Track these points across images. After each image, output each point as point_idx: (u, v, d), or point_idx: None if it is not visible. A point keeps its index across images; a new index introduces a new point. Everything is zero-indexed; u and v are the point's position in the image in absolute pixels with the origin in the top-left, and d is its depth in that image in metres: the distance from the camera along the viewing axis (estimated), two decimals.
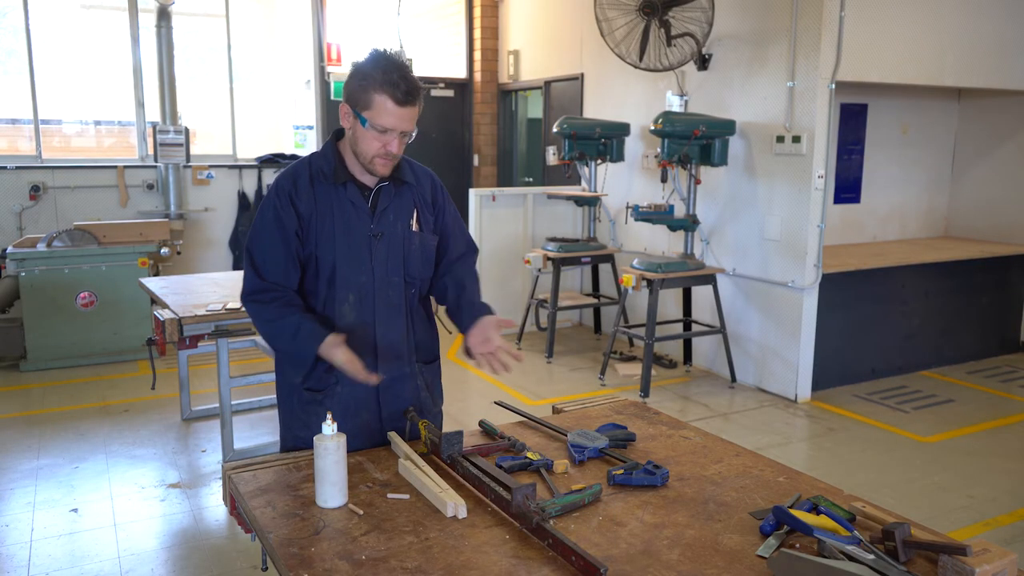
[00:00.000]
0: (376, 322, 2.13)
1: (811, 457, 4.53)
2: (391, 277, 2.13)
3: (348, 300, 2.11)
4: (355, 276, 2.10)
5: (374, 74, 1.96)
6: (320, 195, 2.08)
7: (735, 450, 2.13)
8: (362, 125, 1.99)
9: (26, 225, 7.08)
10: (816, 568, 1.41)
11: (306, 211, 2.07)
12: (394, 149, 2.03)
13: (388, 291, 2.13)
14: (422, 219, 2.19)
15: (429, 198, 2.21)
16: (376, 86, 1.96)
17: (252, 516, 1.74)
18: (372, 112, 1.98)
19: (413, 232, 2.16)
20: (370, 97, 1.97)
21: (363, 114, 1.99)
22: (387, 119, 1.98)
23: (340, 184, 2.08)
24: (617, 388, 5.61)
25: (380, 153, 2.02)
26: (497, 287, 7.00)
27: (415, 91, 1.98)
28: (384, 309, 2.14)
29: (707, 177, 5.86)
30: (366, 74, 1.98)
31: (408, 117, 2.00)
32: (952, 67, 5.69)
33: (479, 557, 1.55)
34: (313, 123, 8.36)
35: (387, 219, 2.12)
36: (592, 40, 6.88)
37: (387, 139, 2.01)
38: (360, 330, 2.11)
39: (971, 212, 6.91)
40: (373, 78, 1.96)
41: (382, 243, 2.11)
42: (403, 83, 1.96)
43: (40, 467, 4.24)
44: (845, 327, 5.69)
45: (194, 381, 5.34)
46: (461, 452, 1.94)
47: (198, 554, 3.38)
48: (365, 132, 2.00)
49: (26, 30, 7.21)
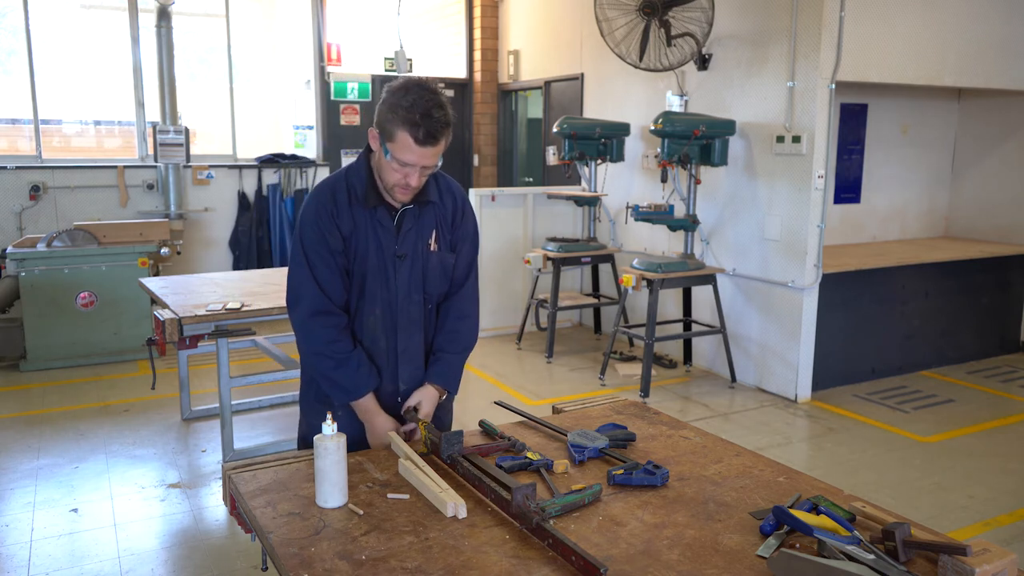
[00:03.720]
0: (398, 334, 2.22)
1: (811, 457, 4.53)
2: (412, 295, 2.21)
3: (374, 313, 2.20)
4: (381, 292, 2.18)
5: (400, 108, 1.95)
6: (357, 215, 2.14)
7: (735, 450, 2.13)
8: (385, 156, 2.03)
9: (26, 225, 7.08)
10: (816, 568, 1.41)
11: (347, 231, 2.13)
12: (413, 183, 2.06)
13: (409, 307, 2.22)
14: (440, 238, 2.23)
15: (450, 218, 2.25)
16: (400, 122, 1.96)
17: (252, 516, 1.74)
18: (394, 146, 2.00)
19: (431, 252, 2.21)
20: (394, 131, 1.98)
21: (387, 145, 2.01)
22: (408, 156, 2.00)
23: (371, 207, 2.13)
24: (617, 388, 5.61)
25: (400, 184, 2.06)
26: (497, 287, 7.01)
27: (438, 132, 1.98)
28: (405, 323, 2.22)
29: (707, 177, 5.86)
30: (394, 105, 1.97)
31: (429, 155, 2.01)
32: (952, 67, 5.69)
33: (479, 557, 1.55)
34: (313, 123, 8.36)
35: (409, 240, 2.18)
36: (592, 40, 6.88)
37: (407, 172, 2.03)
38: (382, 339, 2.22)
39: (971, 212, 6.91)
40: (398, 113, 1.96)
41: (405, 263, 2.18)
42: (425, 124, 1.94)
43: (40, 467, 4.24)
44: (845, 327, 5.69)
45: (194, 381, 5.34)
46: (461, 452, 1.95)
47: (198, 554, 3.38)
48: (387, 163, 2.04)
49: (26, 30, 7.21)
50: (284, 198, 8.04)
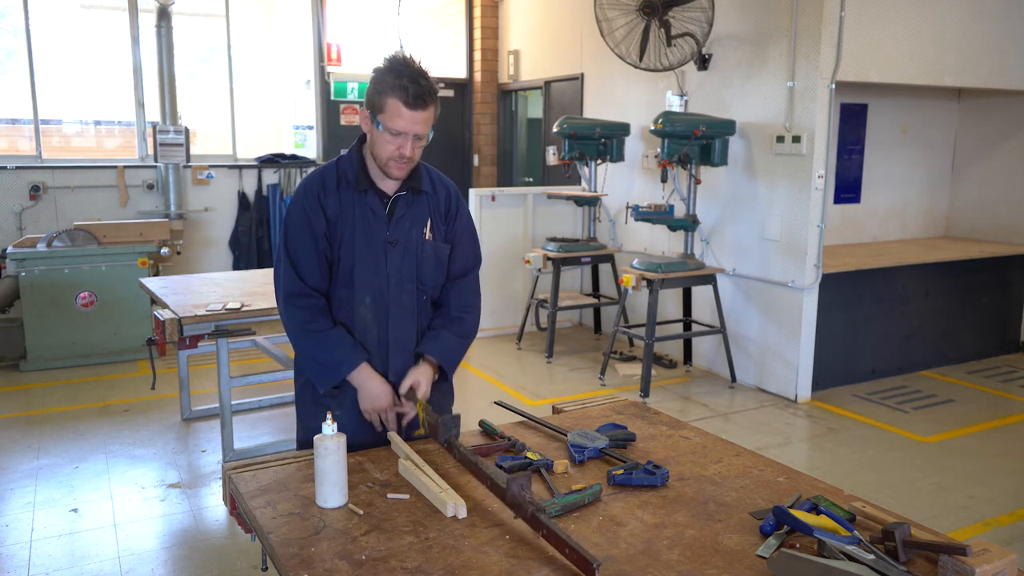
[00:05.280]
0: (390, 322, 2.20)
1: (811, 457, 4.53)
2: (405, 283, 2.20)
3: (364, 302, 2.18)
4: (371, 280, 2.17)
5: (387, 78, 2.02)
6: (344, 200, 2.15)
7: (735, 450, 2.13)
8: (377, 129, 2.05)
9: (26, 225, 7.08)
10: (816, 568, 1.41)
11: (333, 215, 2.14)
12: (408, 152, 2.07)
13: (401, 296, 2.20)
14: (435, 228, 2.24)
15: (443, 208, 2.26)
16: (388, 90, 2.01)
17: (252, 516, 1.74)
18: (385, 115, 2.04)
19: (426, 241, 2.21)
20: (383, 101, 2.03)
21: (377, 117, 2.05)
22: (399, 122, 2.03)
23: (361, 191, 2.14)
24: (617, 388, 5.61)
25: (395, 156, 2.08)
26: (497, 287, 7.01)
27: (426, 94, 2.02)
28: (397, 312, 2.21)
29: (707, 177, 5.86)
30: (380, 78, 2.04)
31: (420, 120, 2.04)
32: (952, 67, 5.69)
33: (479, 557, 1.55)
34: (313, 123, 8.36)
35: (403, 227, 2.18)
36: (592, 40, 6.88)
37: (400, 142, 2.06)
38: (373, 328, 2.19)
39: (971, 212, 6.91)
40: (386, 82, 2.02)
41: (397, 250, 2.17)
42: (413, 87, 2.00)
43: (40, 467, 4.24)
44: (845, 327, 5.69)
45: (194, 381, 5.34)
46: (458, 436, 1.96)
47: (198, 554, 3.38)
48: (380, 135, 2.06)
49: (26, 30, 7.21)
50: (284, 198, 8.04)
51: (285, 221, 2.18)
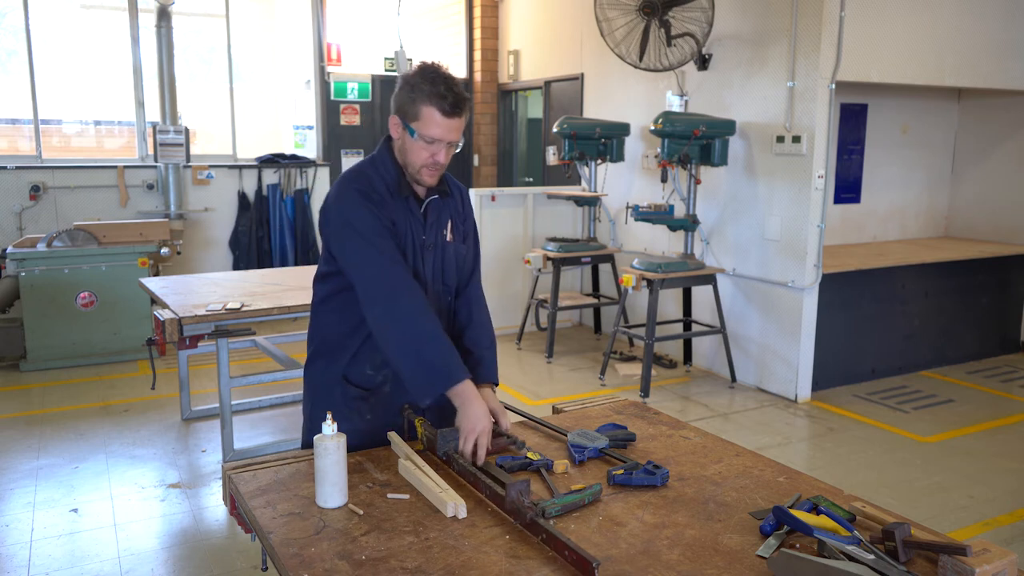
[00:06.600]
0: None
1: (811, 457, 4.53)
2: (436, 285, 2.21)
3: None
4: None
5: (422, 86, 2.02)
6: (395, 204, 2.12)
7: (735, 450, 2.13)
8: (411, 136, 2.05)
9: (26, 225, 7.08)
10: (816, 568, 1.41)
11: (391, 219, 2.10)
12: (441, 159, 2.08)
13: (437, 298, 2.21)
14: (455, 229, 2.25)
15: (461, 208, 2.28)
16: (424, 98, 2.01)
17: (252, 516, 1.74)
18: (420, 123, 2.03)
19: (448, 242, 2.22)
20: (418, 109, 2.02)
21: (412, 125, 2.04)
22: (435, 130, 2.03)
23: (404, 196, 2.13)
24: (617, 388, 5.61)
25: (428, 163, 2.08)
26: (497, 287, 7.00)
27: (462, 102, 2.04)
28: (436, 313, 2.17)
29: (707, 177, 5.86)
30: (415, 86, 2.03)
31: (455, 128, 2.05)
32: (952, 67, 5.69)
33: (479, 557, 1.55)
34: (313, 123, 8.36)
35: (434, 230, 2.19)
36: (592, 40, 6.88)
37: (435, 149, 2.06)
38: None
39: (971, 212, 6.91)
40: (421, 90, 2.02)
41: (431, 253, 2.18)
42: (450, 95, 2.01)
43: (40, 467, 4.24)
44: (845, 327, 5.69)
45: (194, 381, 5.34)
46: (457, 449, 1.95)
47: (198, 554, 3.38)
48: (414, 143, 2.06)
49: (26, 30, 7.21)
50: (284, 198, 8.04)
51: (351, 224, 2.04)
